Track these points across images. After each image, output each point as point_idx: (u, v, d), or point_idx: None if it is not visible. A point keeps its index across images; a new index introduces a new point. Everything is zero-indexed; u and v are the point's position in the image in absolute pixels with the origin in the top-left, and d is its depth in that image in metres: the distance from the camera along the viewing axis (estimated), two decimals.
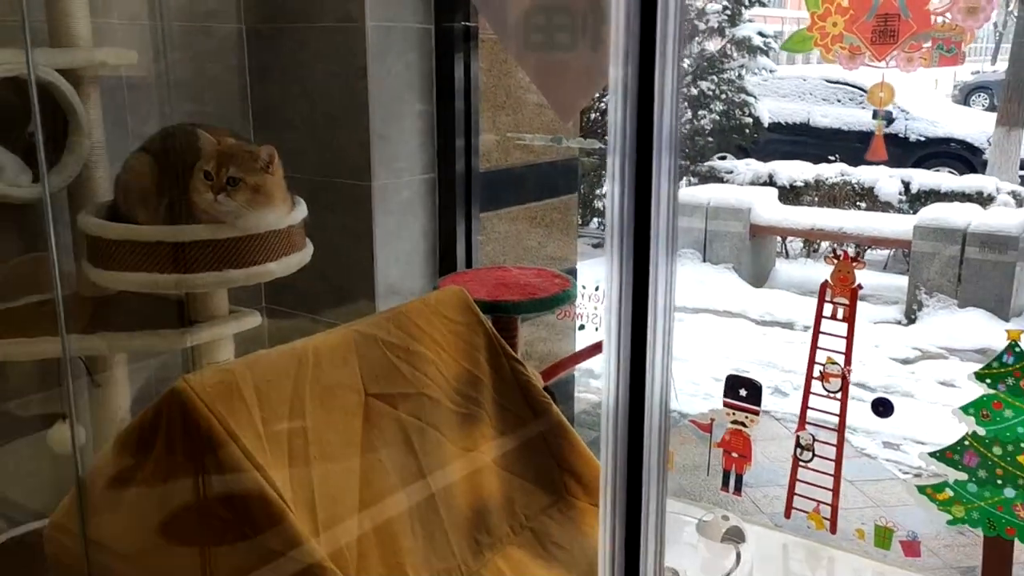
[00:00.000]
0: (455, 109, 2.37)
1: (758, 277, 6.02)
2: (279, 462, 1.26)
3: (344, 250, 2.34)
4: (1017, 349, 1.84)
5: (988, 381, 1.87)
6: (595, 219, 7.73)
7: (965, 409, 1.91)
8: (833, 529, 2.11)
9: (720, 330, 5.25)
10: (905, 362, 4.74)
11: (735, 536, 2.10)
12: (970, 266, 5.17)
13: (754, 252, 6.03)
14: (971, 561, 2.92)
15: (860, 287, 2.03)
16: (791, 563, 2.23)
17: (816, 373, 2.13)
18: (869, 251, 6.35)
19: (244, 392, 1.26)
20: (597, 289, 2.37)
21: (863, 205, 6.38)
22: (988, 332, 4.84)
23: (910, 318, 5.29)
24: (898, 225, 5.59)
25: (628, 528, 0.86)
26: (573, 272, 3.13)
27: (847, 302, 2.04)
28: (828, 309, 2.10)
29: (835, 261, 2.06)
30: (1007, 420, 1.84)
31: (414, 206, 2.40)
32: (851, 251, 6.24)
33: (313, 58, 2.27)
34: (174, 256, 1.64)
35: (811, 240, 6.18)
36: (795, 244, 6.61)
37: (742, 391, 2.20)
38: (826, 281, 2.07)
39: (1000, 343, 1.88)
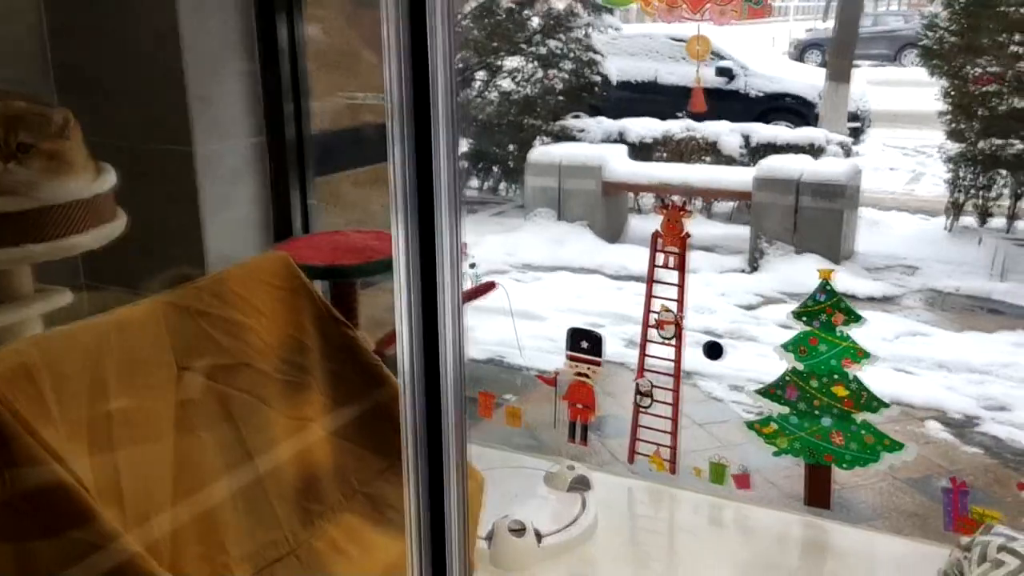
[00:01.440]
0: (282, 68, 2.27)
1: (612, 233, 6.17)
2: (81, 451, 1.18)
3: (169, 220, 2.21)
4: (828, 287, 1.95)
5: (805, 319, 1.98)
6: None
7: (785, 346, 2.02)
8: (673, 470, 2.19)
9: (577, 287, 5.35)
10: (749, 308, 4.98)
11: (581, 484, 2.16)
12: (805, 214, 5.47)
13: (607, 208, 6.17)
14: None
15: (689, 236, 2.09)
16: (636, 506, 2.31)
17: (653, 321, 2.19)
18: (716, 204, 6.62)
19: (36, 375, 1.17)
20: None
21: (708, 159, 6.63)
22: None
23: (753, 266, 5.56)
24: (740, 177, 5.84)
25: (431, 484, 0.85)
26: None
27: (678, 251, 2.10)
28: (661, 260, 2.16)
29: (665, 211, 2.11)
30: (822, 354, 1.95)
31: (244, 172, 2.29)
32: (699, 204, 6.50)
33: (120, 14, 2.11)
34: None
35: (662, 195, 6.37)
36: (648, 199, 6.80)
37: (584, 343, 2.24)
38: (657, 231, 2.13)
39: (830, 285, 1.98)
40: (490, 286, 2.27)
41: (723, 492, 2.21)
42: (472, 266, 2.37)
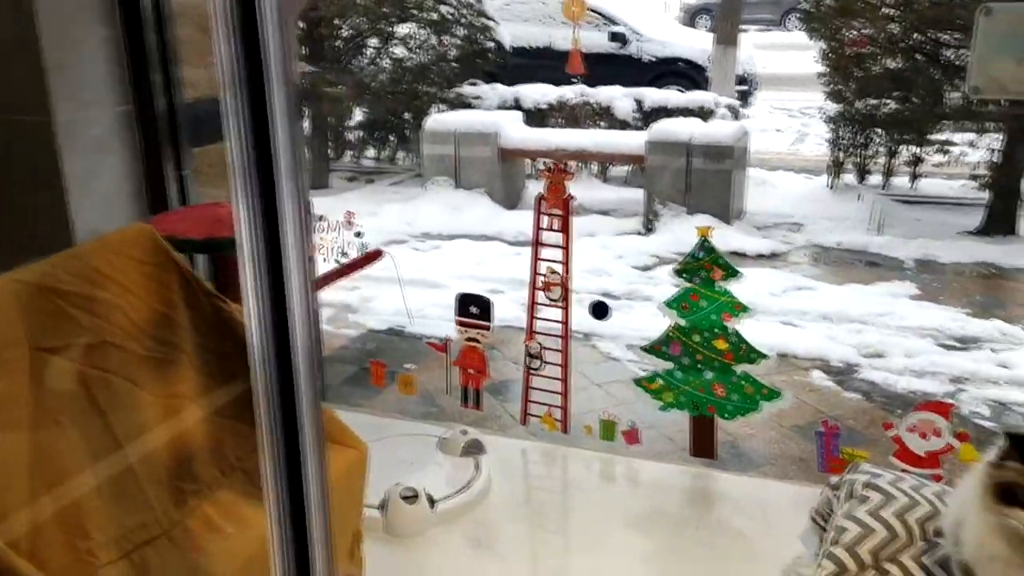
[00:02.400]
0: (148, 34, 2.16)
1: (510, 199, 6.17)
2: None
3: (32, 195, 2.09)
4: (707, 244, 2.00)
5: (686, 275, 2.02)
6: (348, 152, 7.54)
7: (669, 304, 2.06)
8: (565, 429, 2.23)
9: (476, 254, 5.34)
10: (645, 269, 5.08)
11: (474, 448, 2.17)
12: (696, 176, 5.60)
13: (505, 175, 6.16)
14: None
15: (572, 197, 2.11)
16: (529, 466, 2.34)
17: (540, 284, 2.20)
18: (612, 168, 6.69)
19: None
20: (321, 219, 2.31)
21: (602, 124, 6.69)
22: (714, 235, 5.31)
23: (648, 228, 5.66)
24: (633, 141, 5.92)
25: (288, 459, 0.83)
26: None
27: (562, 213, 2.12)
28: (547, 222, 2.17)
29: (548, 175, 2.12)
30: (703, 309, 2.00)
31: (111, 142, 2.18)
32: (595, 168, 6.56)
33: None
34: None
35: (557, 160, 6.40)
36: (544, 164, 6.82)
37: (473, 309, 2.24)
38: (541, 194, 2.13)
39: (721, 244, 2.03)
40: (376, 255, 2.24)
41: (616, 448, 2.25)
42: (358, 235, 2.33)
